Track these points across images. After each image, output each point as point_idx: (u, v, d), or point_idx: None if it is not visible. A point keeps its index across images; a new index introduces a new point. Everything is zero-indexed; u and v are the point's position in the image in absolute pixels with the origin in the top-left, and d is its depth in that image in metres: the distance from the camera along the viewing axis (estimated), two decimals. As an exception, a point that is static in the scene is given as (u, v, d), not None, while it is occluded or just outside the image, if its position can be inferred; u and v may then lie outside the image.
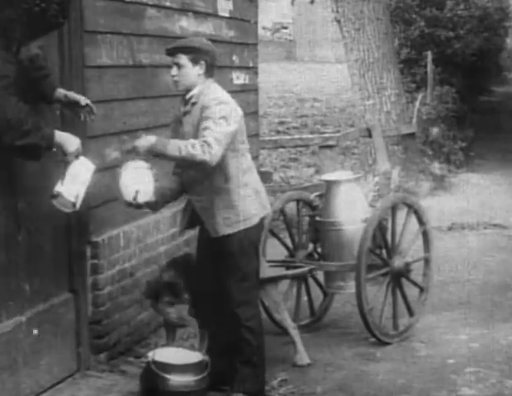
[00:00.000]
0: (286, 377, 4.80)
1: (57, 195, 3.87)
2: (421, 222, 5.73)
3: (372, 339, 5.37)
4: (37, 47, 3.99)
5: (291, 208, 6.06)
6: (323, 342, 5.37)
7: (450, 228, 9.12)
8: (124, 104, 5.11)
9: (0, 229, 4.00)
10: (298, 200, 5.82)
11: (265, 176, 7.62)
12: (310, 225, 5.69)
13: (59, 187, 3.87)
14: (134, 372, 4.71)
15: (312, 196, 5.75)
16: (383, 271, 5.45)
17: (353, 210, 5.48)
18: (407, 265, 5.54)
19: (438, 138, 7.78)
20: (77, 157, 3.89)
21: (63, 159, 3.88)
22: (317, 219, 5.60)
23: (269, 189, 8.45)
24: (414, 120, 11.91)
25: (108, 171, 4.90)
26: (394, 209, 5.54)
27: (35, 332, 4.24)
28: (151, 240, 5.39)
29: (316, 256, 5.71)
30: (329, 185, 5.58)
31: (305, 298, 5.84)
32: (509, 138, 16.09)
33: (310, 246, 5.72)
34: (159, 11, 5.55)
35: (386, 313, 5.42)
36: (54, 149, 3.82)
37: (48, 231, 4.39)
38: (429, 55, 15.02)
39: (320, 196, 5.68)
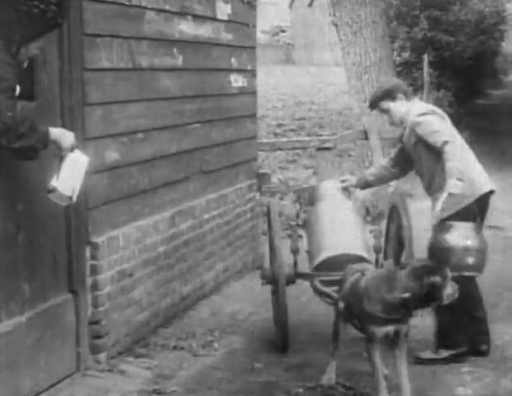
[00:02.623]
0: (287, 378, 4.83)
1: (52, 190, 3.91)
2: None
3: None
4: (36, 48, 4.03)
5: (290, 208, 6.10)
6: (319, 342, 5.39)
7: (447, 230, 9.12)
8: (123, 106, 5.14)
9: (0, 230, 4.03)
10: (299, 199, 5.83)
11: (263, 178, 7.67)
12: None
13: (54, 182, 3.90)
14: (133, 372, 4.74)
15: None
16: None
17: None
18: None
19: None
20: (71, 150, 3.94)
21: (58, 154, 3.92)
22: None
23: (267, 190, 8.50)
24: (411, 123, 11.92)
25: (107, 172, 4.95)
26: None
27: (35, 332, 4.28)
28: (150, 241, 5.42)
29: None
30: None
31: (304, 298, 5.87)
32: (506, 140, 16.14)
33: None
34: (158, 15, 5.59)
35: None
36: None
37: (48, 232, 4.42)
38: (426, 58, 15.05)
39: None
